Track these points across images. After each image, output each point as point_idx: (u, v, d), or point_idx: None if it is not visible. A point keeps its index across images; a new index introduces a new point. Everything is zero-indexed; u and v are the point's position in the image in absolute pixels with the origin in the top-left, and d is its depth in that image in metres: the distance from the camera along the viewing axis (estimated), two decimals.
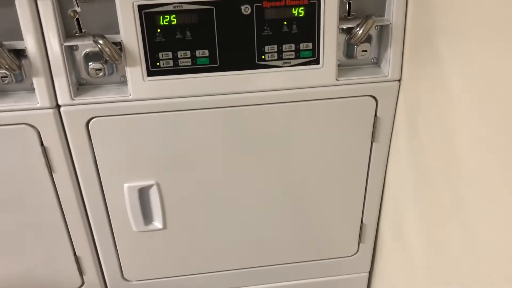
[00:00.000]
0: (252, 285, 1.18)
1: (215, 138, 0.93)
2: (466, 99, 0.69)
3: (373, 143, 0.98)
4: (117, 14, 0.80)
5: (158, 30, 0.81)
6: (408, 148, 0.92)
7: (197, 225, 1.04)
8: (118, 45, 0.82)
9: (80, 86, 0.87)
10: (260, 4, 0.82)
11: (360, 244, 1.14)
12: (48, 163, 0.91)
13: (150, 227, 1.02)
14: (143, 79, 0.84)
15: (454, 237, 0.76)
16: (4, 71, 0.82)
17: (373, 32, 0.90)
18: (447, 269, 0.80)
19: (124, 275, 1.10)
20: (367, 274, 1.21)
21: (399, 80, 0.91)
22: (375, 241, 1.15)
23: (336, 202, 1.06)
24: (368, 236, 1.13)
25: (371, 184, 1.04)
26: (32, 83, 0.84)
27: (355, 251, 1.16)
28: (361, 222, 1.10)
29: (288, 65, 0.87)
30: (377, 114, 0.94)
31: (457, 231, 0.75)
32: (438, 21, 0.75)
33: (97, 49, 0.81)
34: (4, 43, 0.79)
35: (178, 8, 0.80)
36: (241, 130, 0.93)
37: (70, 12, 0.80)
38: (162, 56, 0.83)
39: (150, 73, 0.84)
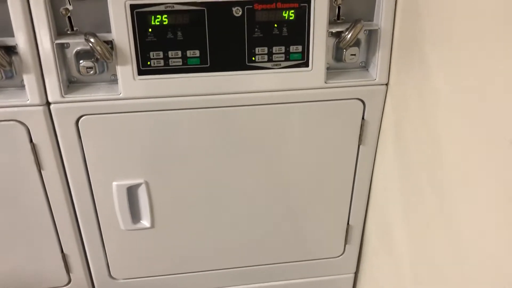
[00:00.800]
0: (238, 285, 1.19)
1: (204, 138, 0.94)
2: (452, 103, 0.71)
3: (360, 146, 1.00)
4: (109, 13, 0.80)
5: (150, 30, 0.82)
6: (394, 151, 0.93)
7: (184, 224, 1.05)
8: (110, 43, 0.82)
9: (70, 83, 0.88)
10: (251, 7, 0.83)
11: (346, 245, 1.16)
12: (37, 160, 0.91)
13: (138, 225, 1.02)
14: (134, 78, 0.85)
15: (440, 239, 0.77)
16: None
17: (362, 36, 0.91)
18: (432, 271, 0.81)
19: (112, 274, 1.10)
20: (353, 275, 1.23)
21: (387, 84, 0.93)
22: (361, 242, 1.17)
23: (323, 203, 1.08)
24: (354, 237, 1.15)
25: (357, 186, 1.06)
26: (22, 80, 0.84)
27: (341, 252, 1.17)
28: (348, 223, 1.12)
29: (278, 67, 0.88)
30: (365, 117, 0.96)
31: (443, 233, 0.76)
32: (426, 26, 0.77)
33: (88, 47, 0.82)
34: None
35: (170, 9, 0.81)
36: (230, 130, 0.94)
37: (62, 10, 0.81)
38: (153, 56, 0.84)
39: (140, 72, 0.85)
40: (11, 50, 0.82)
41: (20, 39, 0.80)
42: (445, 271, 0.76)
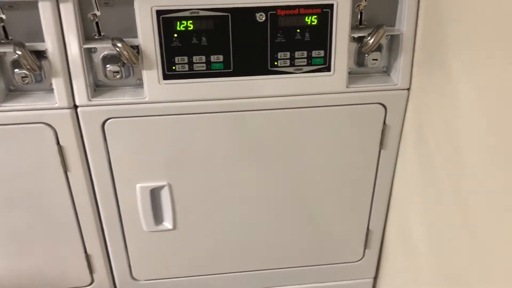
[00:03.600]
0: None
1: (227, 142, 0.95)
2: (475, 109, 0.71)
3: (381, 150, 1.00)
4: (136, 18, 0.82)
5: (175, 35, 0.84)
6: (416, 156, 0.93)
7: (206, 226, 1.06)
8: (136, 48, 0.84)
9: (97, 87, 0.90)
10: (275, 12, 0.84)
11: (366, 250, 1.16)
12: (64, 162, 0.93)
13: (160, 227, 1.04)
14: (159, 82, 0.87)
15: (462, 245, 0.77)
16: (25, 71, 0.84)
17: (384, 41, 0.92)
18: (454, 277, 0.81)
19: (133, 274, 1.12)
20: (372, 280, 1.22)
21: (408, 89, 0.93)
22: (380, 247, 1.16)
23: (343, 208, 1.08)
24: (374, 242, 1.14)
25: (378, 191, 1.06)
26: (51, 84, 0.86)
27: (361, 256, 1.17)
28: (367, 228, 1.12)
29: (300, 71, 0.89)
30: (386, 122, 0.96)
31: (465, 238, 0.76)
32: (448, 31, 0.77)
33: (115, 52, 0.84)
34: (26, 44, 0.82)
35: (195, 14, 0.83)
36: (252, 134, 0.95)
37: (90, 15, 0.83)
38: (178, 60, 0.86)
39: (166, 77, 0.87)
40: (41, 55, 0.84)
41: (50, 44, 0.82)
42: (466, 277, 0.76)
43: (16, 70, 0.85)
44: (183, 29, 0.84)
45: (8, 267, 1.08)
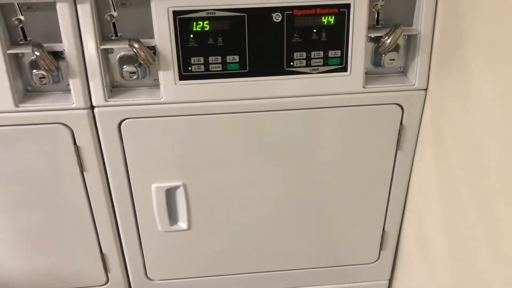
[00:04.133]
0: None
1: (242, 142, 0.95)
2: (494, 109, 0.70)
3: (398, 151, 0.99)
4: (152, 19, 0.82)
5: (191, 36, 0.84)
6: (433, 157, 0.92)
7: (220, 227, 1.06)
8: (152, 49, 0.84)
9: (113, 88, 0.90)
10: (291, 12, 0.84)
11: (381, 252, 1.15)
12: (80, 162, 0.94)
13: (175, 227, 1.04)
14: (175, 83, 0.87)
15: (480, 247, 0.76)
16: (42, 72, 0.85)
17: (401, 41, 0.91)
18: (471, 280, 0.80)
19: (148, 274, 1.12)
20: (387, 282, 1.22)
21: (426, 89, 0.92)
22: (396, 249, 1.16)
23: (359, 209, 1.07)
24: (390, 243, 1.14)
25: (394, 192, 1.05)
26: (68, 84, 0.87)
27: (376, 258, 1.16)
28: (383, 229, 1.11)
29: (316, 72, 0.89)
30: (403, 122, 0.95)
31: (483, 240, 0.75)
32: (467, 31, 0.76)
33: (131, 52, 0.84)
34: (44, 45, 0.82)
35: (211, 15, 0.83)
36: (268, 135, 0.95)
37: (107, 16, 0.83)
38: (194, 61, 0.86)
39: (182, 77, 0.87)
40: (58, 56, 0.85)
41: (67, 45, 0.83)
42: (484, 281, 0.75)
43: (34, 70, 0.86)
44: (199, 29, 0.84)
45: (24, 266, 1.09)
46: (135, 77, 0.88)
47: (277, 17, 0.84)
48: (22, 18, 0.82)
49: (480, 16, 0.72)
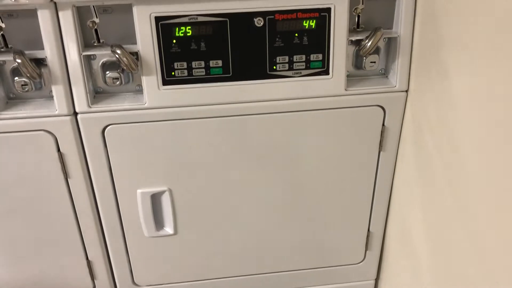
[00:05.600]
0: None
1: (226, 146, 0.95)
2: (473, 109, 0.71)
3: (381, 152, 1.00)
4: (135, 25, 0.83)
5: (174, 41, 0.84)
6: (415, 157, 0.94)
7: (206, 231, 1.06)
8: (135, 55, 0.84)
9: (96, 94, 0.90)
10: (273, 17, 0.84)
11: (367, 252, 1.16)
12: (64, 168, 0.93)
13: (161, 232, 1.04)
14: (159, 88, 0.87)
15: (462, 245, 0.77)
16: (24, 79, 0.85)
17: (381, 44, 0.92)
18: (454, 277, 0.81)
19: (135, 280, 1.12)
20: (373, 282, 1.23)
21: (407, 91, 0.94)
22: (381, 249, 1.17)
23: (343, 210, 1.08)
24: (375, 243, 1.15)
25: (378, 193, 1.06)
26: (51, 91, 0.86)
27: (362, 258, 1.17)
28: (368, 229, 1.12)
29: (298, 75, 0.90)
30: (385, 124, 0.97)
31: (464, 238, 0.76)
32: (445, 33, 0.78)
33: (114, 58, 0.84)
34: (26, 52, 0.82)
35: (193, 20, 0.83)
36: (252, 138, 0.95)
37: (89, 22, 0.83)
38: (177, 66, 0.86)
39: (165, 82, 0.87)
40: (40, 63, 0.85)
41: (50, 52, 0.83)
42: (467, 277, 0.76)
43: (16, 78, 0.85)
44: (182, 35, 0.84)
45: (9, 275, 1.08)
46: (118, 83, 0.88)
47: (259, 22, 0.85)
48: (2, 25, 0.82)
49: (456, 18, 0.74)
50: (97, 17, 0.83)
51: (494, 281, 0.69)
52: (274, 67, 0.89)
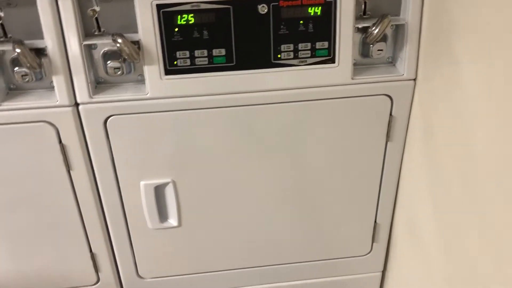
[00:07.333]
0: (264, 284, 1.19)
1: (230, 137, 0.94)
2: (482, 99, 0.69)
3: (388, 142, 0.99)
4: (136, 13, 0.81)
5: (176, 29, 0.82)
6: (423, 147, 0.92)
7: (211, 223, 1.05)
8: (136, 44, 0.83)
9: (98, 84, 0.89)
10: (277, 4, 0.82)
11: (374, 244, 1.15)
12: (66, 160, 0.92)
13: (165, 224, 1.03)
14: (161, 78, 0.85)
15: (470, 236, 0.76)
16: (25, 69, 0.83)
17: (389, 31, 0.90)
18: (463, 268, 0.80)
19: (139, 272, 1.11)
20: (380, 274, 1.22)
21: (415, 79, 0.92)
22: (388, 241, 1.15)
23: (350, 201, 1.07)
24: (382, 235, 1.13)
25: (385, 183, 1.04)
26: (52, 82, 0.85)
27: (368, 250, 1.16)
28: (375, 221, 1.11)
29: (304, 64, 0.88)
30: (392, 113, 0.95)
31: (473, 229, 0.75)
32: (454, 20, 0.76)
33: (115, 48, 0.82)
34: (25, 42, 0.81)
35: (196, 8, 0.81)
36: (256, 128, 0.94)
37: (89, 11, 0.82)
38: (180, 55, 0.84)
39: (167, 72, 0.85)
40: (40, 53, 0.83)
41: (50, 41, 0.81)
42: (477, 268, 0.75)
43: (16, 68, 0.84)
44: (184, 23, 0.82)
45: (13, 268, 1.07)
46: (119, 72, 0.86)
47: (263, 9, 0.83)
48: (1, 14, 0.80)
49: (466, 4, 0.72)
50: (97, 5, 0.81)
51: (504, 274, 0.67)
52: (279, 56, 0.87)
